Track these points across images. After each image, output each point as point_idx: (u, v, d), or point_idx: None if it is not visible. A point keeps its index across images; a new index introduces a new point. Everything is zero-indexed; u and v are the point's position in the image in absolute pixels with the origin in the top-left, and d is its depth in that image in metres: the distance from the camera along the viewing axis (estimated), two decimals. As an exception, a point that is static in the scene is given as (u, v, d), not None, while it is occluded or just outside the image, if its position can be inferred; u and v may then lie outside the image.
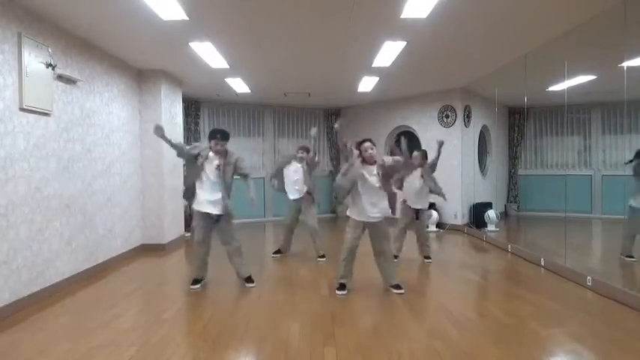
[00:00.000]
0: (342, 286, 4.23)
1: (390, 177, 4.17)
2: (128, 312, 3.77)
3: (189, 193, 4.35)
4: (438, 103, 8.35)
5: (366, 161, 4.11)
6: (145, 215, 6.40)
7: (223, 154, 4.31)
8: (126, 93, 5.96)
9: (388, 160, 4.11)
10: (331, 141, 10.40)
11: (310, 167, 5.72)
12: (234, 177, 4.36)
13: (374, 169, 4.09)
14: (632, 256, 5.12)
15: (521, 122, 9.75)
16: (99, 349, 2.96)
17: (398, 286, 4.23)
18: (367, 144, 4.11)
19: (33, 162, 4.01)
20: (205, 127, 9.12)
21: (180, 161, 7.29)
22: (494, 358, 2.78)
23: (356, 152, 4.13)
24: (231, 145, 4.47)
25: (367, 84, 7.40)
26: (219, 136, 4.27)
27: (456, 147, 8.10)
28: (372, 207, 4.09)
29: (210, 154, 4.30)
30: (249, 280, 4.52)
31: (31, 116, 3.99)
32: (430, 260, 5.52)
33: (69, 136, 4.60)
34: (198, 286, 4.44)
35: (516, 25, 4.59)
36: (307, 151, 5.79)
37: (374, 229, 4.20)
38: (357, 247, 4.23)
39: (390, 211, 4.16)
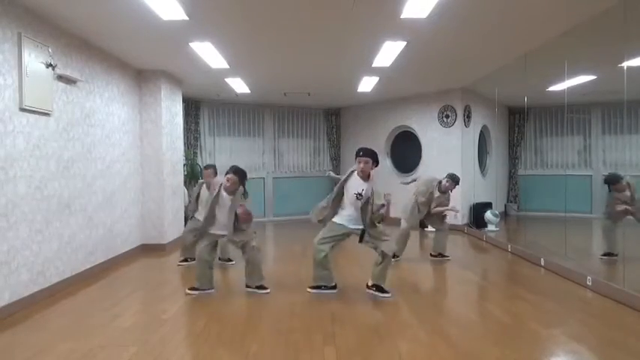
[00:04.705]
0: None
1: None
2: (128, 312, 3.77)
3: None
4: (438, 103, 8.35)
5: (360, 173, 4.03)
6: (145, 215, 6.40)
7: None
8: (126, 93, 5.96)
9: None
10: (331, 141, 10.41)
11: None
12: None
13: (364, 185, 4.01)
14: None
15: (521, 122, 9.75)
16: (99, 349, 2.96)
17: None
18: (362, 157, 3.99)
19: (33, 162, 4.01)
20: (205, 127, 9.12)
21: (180, 161, 7.32)
22: (494, 358, 2.78)
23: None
24: (231, 145, 4.40)
25: (367, 84, 7.39)
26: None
27: (455, 147, 8.10)
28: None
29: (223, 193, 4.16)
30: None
31: (31, 116, 3.99)
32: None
33: (69, 136, 4.60)
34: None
35: (516, 25, 4.59)
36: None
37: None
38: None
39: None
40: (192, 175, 8.39)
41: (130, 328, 3.38)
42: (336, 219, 4.15)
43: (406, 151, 9.12)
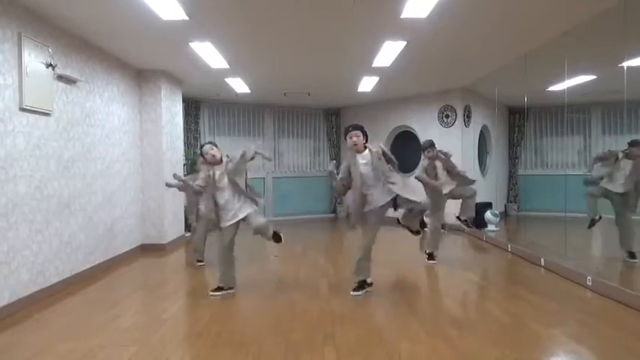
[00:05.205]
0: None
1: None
2: (128, 312, 3.77)
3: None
4: (438, 103, 8.35)
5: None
6: (145, 215, 6.40)
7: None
8: (126, 93, 5.96)
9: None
10: (331, 141, 10.41)
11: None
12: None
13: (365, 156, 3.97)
14: None
15: (521, 122, 9.75)
16: (99, 349, 2.96)
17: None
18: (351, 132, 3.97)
19: (33, 162, 4.01)
20: (205, 127, 9.12)
21: (180, 161, 7.33)
22: (494, 358, 2.78)
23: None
24: (231, 145, 4.39)
25: (367, 84, 7.40)
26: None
27: (456, 147, 8.07)
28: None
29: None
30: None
31: (31, 116, 3.99)
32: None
33: (69, 135, 4.60)
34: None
35: (516, 25, 4.59)
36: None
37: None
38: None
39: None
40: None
41: (130, 328, 3.37)
42: (368, 209, 4.02)
43: (406, 151, 9.10)
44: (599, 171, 5.30)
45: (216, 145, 4.19)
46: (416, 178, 5.41)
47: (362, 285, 4.12)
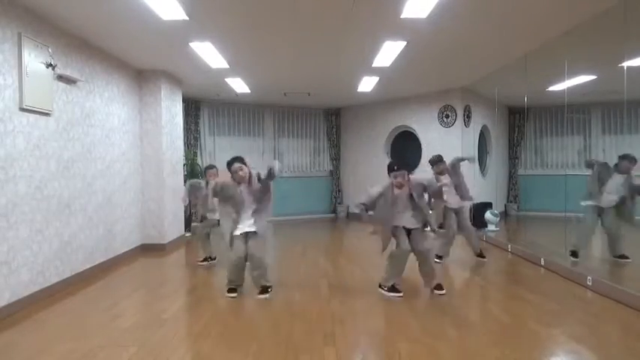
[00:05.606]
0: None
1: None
2: (128, 312, 3.77)
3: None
4: (438, 103, 8.35)
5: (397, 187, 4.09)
6: (145, 215, 6.40)
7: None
8: (126, 93, 5.96)
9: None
10: (331, 141, 10.41)
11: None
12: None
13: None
14: None
15: (521, 122, 9.75)
16: (99, 349, 2.96)
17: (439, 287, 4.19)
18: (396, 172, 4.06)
19: (33, 162, 4.01)
20: (205, 127, 9.12)
21: (180, 161, 7.33)
22: (494, 358, 2.78)
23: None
24: (231, 145, 4.35)
25: (367, 84, 7.40)
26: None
27: (456, 147, 8.09)
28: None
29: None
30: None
31: (31, 116, 3.99)
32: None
33: (69, 136, 4.60)
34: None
35: (516, 25, 4.59)
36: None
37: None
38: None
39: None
40: (192, 175, 8.39)
41: (130, 328, 3.38)
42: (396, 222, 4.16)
43: (406, 151, 9.11)
44: (593, 188, 5.26)
45: (244, 163, 4.11)
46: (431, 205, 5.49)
47: (393, 288, 4.15)
